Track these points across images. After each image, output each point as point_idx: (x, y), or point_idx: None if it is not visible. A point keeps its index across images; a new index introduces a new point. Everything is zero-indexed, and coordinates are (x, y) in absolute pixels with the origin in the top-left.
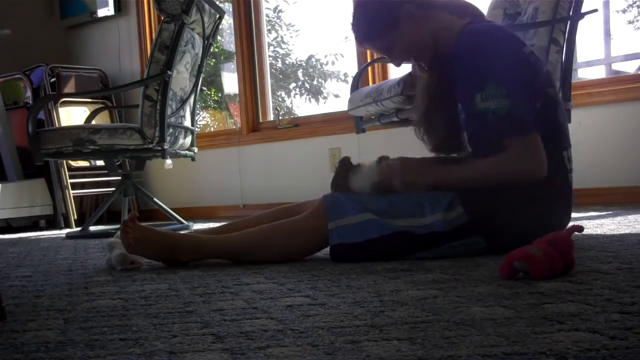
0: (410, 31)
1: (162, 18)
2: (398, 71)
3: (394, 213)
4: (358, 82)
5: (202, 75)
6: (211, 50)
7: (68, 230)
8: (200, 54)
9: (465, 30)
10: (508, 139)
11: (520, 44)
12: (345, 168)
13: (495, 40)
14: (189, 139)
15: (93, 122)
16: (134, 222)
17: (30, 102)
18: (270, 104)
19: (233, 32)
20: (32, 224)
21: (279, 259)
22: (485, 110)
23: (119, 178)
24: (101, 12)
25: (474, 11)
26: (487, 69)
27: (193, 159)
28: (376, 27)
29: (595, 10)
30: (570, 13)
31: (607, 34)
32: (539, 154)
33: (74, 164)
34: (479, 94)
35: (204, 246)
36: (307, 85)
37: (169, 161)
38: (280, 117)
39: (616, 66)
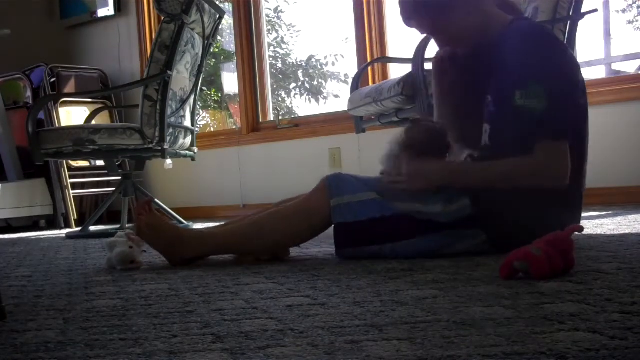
0: (463, 17)
1: (162, 18)
2: (398, 71)
3: (397, 195)
4: (358, 82)
5: (202, 75)
6: (211, 50)
7: (68, 230)
8: (200, 54)
9: (512, 26)
10: (539, 142)
11: (565, 47)
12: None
13: (543, 40)
14: (189, 139)
15: (93, 122)
16: (151, 207)
17: (30, 102)
18: (270, 104)
19: (233, 32)
20: (32, 224)
21: (283, 243)
22: (522, 107)
23: (119, 178)
24: (101, 12)
25: (518, 9)
26: (532, 67)
27: (193, 159)
28: (431, 4)
29: (595, 10)
30: (570, 13)
31: (607, 34)
32: (565, 161)
33: (74, 164)
34: (520, 91)
35: (206, 237)
36: (307, 86)
37: (169, 161)
38: (280, 117)
39: (616, 66)
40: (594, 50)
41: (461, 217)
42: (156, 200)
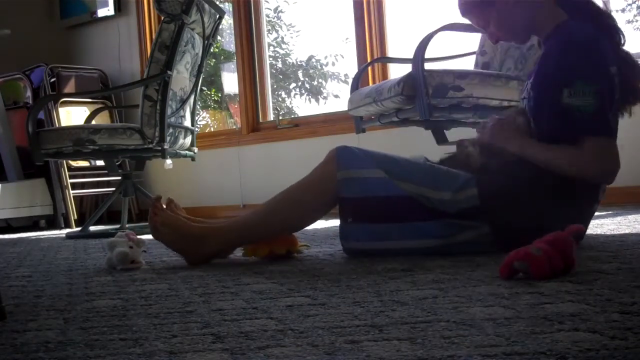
0: (504, 14)
1: (162, 18)
2: (398, 71)
3: (407, 177)
4: (358, 82)
5: (202, 75)
6: (211, 50)
7: (68, 230)
8: (200, 54)
9: (564, 24)
10: (588, 138)
11: (610, 61)
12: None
13: (592, 45)
14: (189, 139)
15: (93, 122)
16: (162, 205)
17: (30, 102)
18: (270, 104)
19: (233, 32)
20: (32, 224)
21: (297, 219)
22: (569, 105)
23: (119, 178)
24: (101, 12)
25: (585, 7)
26: (579, 66)
27: (193, 159)
28: (474, 3)
29: None
30: None
31: None
32: (615, 158)
33: (74, 164)
34: (568, 89)
35: (223, 231)
36: (307, 86)
37: (169, 161)
38: (280, 117)
39: None
40: None
41: (467, 208)
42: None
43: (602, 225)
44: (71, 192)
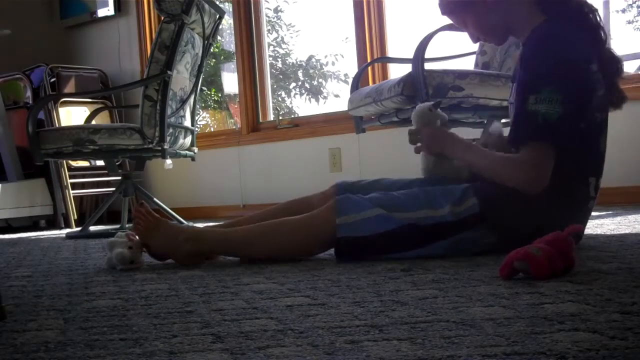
0: (481, 16)
1: (162, 18)
2: (398, 71)
3: (404, 206)
4: (358, 82)
5: (202, 75)
6: (211, 50)
7: (68, 230)
8: (200, 54)
9: (540, 27)
10: (531, 142)
11: (588, 59)
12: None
13: (565, 47)
14: (189, 139)
15: (93, 122)
16: (148, 210)
17: (30, 102)
18: (270, 104)
19: (233, 32)
20: (32, 224)
21: (282, 254)
22: (535, 112)
23: (119, 178)
24: (101, 12)
25: (564, 7)
26: (548, 73)
27: (193, 159)
28: (451, 4)
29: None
30: None
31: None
32: (545, 169)
33: (74, 164)
34: (534, 96)
35: (205, 235)
36: (307, 86)
37: (169, 161)
38: (280, 117)
39: None
40: None
41: (468, 215)
42: (156, 199)
43: (602, 225)
44: (71, 192)
